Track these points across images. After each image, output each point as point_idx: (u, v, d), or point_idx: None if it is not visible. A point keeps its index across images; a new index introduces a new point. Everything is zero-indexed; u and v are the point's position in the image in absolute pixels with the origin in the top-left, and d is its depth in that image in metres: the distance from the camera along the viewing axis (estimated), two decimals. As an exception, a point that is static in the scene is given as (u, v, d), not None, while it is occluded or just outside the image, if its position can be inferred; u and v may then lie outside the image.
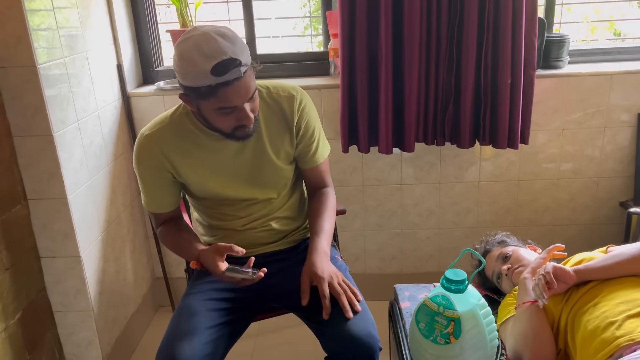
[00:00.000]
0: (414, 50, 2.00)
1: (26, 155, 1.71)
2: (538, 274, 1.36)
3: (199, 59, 1.21)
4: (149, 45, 2.34)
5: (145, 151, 1.45)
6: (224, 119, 1.32)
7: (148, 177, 1.48)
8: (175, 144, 1.44)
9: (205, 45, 1.21)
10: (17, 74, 1.62)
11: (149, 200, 1.53)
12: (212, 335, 1.33)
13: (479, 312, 1.29)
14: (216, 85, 1.23)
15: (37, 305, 1.82)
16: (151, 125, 1.47)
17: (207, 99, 1.27)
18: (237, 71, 1.23)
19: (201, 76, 1.22)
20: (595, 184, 2.32)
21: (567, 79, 2.18)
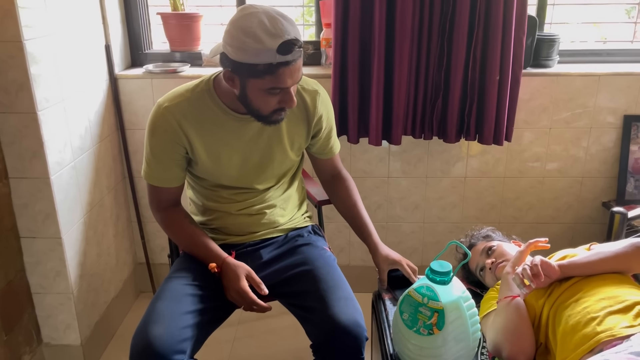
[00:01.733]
0: (405, 43, 2.00)
1: (8, 132, 1.67)
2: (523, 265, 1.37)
3: (265, 37, 1.21)
4: (139, 27, 2.30)
5: (162, 122, 1.41)
6: (269, 100, 1.32)
7: (159, 149, 1.43)
8: (195, 119, 1.41)
9: (270, 23, 1.22)
10: (1, 49, 1.58)
11: (153, 173, 1.47)
12: (190, 320, 1.31)
13: (462, 304, 1.30)
14: (277, 64, 1.24)
15: (16, 286, 1.79)
16: (170, 97, 1.43)
17: (261, 77, 1.26)
18: (298, 52, 1.25)
19: (264, 53, 1.22)
20: (579, 183, 2.35)
21: (556, 78, 2.19)
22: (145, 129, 1.46)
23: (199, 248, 1.46)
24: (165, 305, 1.32)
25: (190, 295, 1.37)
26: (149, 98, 2.21)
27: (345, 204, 1.67)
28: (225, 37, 1.28)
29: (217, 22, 2.45)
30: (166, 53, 2.35)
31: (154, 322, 1.27)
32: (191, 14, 2.31)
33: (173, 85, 2.17)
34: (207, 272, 1.45)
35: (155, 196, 1.51)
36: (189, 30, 2.32)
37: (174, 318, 1.29)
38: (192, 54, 2.33)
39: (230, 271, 1.38)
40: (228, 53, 1.27)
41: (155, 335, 1.24)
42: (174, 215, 1.51)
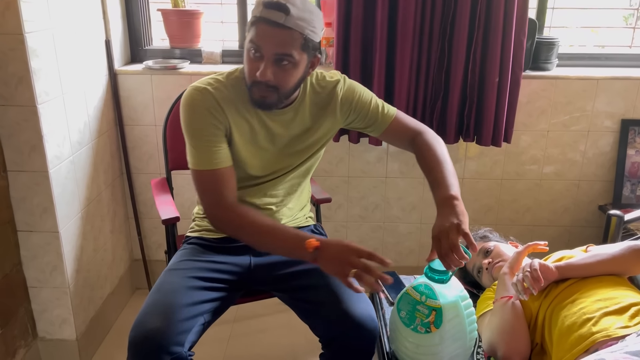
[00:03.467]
0: (406, 44, 2.00)
1: (7, 125, 1.67)
2: (522, 269, 1.37)
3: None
4: (139, 23, 2.30)
5: (203, 101, 1.36)
6: (250, 64, 1.32)
7: (204, 127, 1.36)
8: (232, 103, 1.39)
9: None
10: (2, 41, 1.58)
11: (205, 156, 1.36)
12: (189, 313, 1.30)
13: (460, 303, 1.31)
14: (260, 17, 1.27)
15: (12, 279, 1.78)
16: (205, 81, 1.40)
17: (248, 31, 1.31)
18: (281, 16, 1.25)
19: (257, 6, 1.28)
20: (576, 187, 2.36)
21: (555, 81, 2.20)
22: (183, 113, 1.38)
23: (285, 233, 1.33)
24: (164, 297, 1.32)
25: (189, 287, 1.36)
26: (148, 94, 2.21)
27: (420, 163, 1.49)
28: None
29: (218, 20, 2.45)
30: (166, 49, 2.35)
31: (153, 314, 1.27)
32: (192, 10, 2.31)
33: (173, 81, 2.19)
34: (208, 265, 1.44)
35: (217, 186, 1.37)
36: (189, 27, 2.32)
37: (173, 310, 1.28)
38: (192, 50, 2.33)
39: (331, 243, 1.26)
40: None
41: (154, 327, 1.23)
42: (244, 207, 1.39)
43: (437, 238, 1.25)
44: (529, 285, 1.32)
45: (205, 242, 1.54)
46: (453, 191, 1.34)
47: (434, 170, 1.41)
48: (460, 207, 1.30)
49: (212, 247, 1.53)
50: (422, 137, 1.51)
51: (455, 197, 1.32)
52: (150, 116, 2.24)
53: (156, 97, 2.21)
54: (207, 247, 1.53)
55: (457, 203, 1.31)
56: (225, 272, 1.46)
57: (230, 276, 1.46)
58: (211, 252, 1.52)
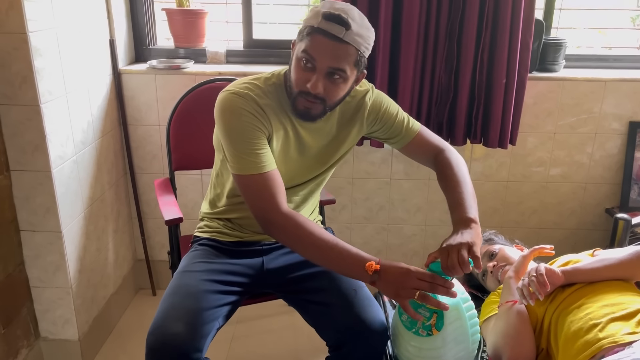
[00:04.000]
0: (411, 44, 1.99)
1: (11, 124, 1.66)
2: (527, 274, 1.36)
3: (324, 4, 1.27)
4: (143, 23, 2.30)
5: (245, 105, 1.31)
6: (300, 73, 1.29)
7: (248, 130, 1.30)
8: (271, 109, 1.35)
9: (338, 2, 1.28)
10: (6, 41, 1.58)
11: (253, 161, 1.30)
12: (208, 317, 1.29)
13: (462, 305, 1.30)
14: (317, 28, 1.24)
15: (15, 279, 1.78)
16: (244, 86, 1.35)
17: (302, 40, 1.28)
18: (341, 30, 1.23)
19: (314, 16, 1.26)
20: (583, 189, 2.34)
21: (562, 82, 2.18)
22: (223, 118, 1.33)
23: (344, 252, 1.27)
24: (183, 300, 1.31)
25: (207, 291, 1.34)
26: (152, 94, 2.20)
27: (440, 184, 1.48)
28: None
29: (222, 19, 2.44)
30: (170, 49, 2.35)
31: (173, 318, 1.25)
32: (196, 10, 2.30)
33: (177, 81, 2.18)
34: (220, 267, 1.43)
35: (268, 191, 1.30)
36: (193, 27, 2.31)
37: (194, 315, 1.27)
38: (196, 50, 2.33)
39: (391, 267, 1.23)
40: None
41: (176, 332, 1.22)
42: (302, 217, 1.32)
43: (446, 250, 1.23)
44: (534, 290, 1.31)
45: (218, 244, 1.52)
46: (472, 214, 1.33)
47: (455, 191, 1.40)
48: (477, 230, 1.30)
49: (225, 249, 1.51)
50: (444, 155, 1.49)
51: (473, 220, 1.32)
52: (154, 116, 2.23)
53: (160, 97, 2.21)
54: (219, 250, 1.51)
55: (475, 226, 1.30)
56: (239, 274, 1.44)
57: (243, 279, 1.44)
58: (223, 254, 1.50)
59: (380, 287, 1.26)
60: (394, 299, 1.26)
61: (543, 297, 1.30)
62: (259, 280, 1.48)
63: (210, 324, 1.30)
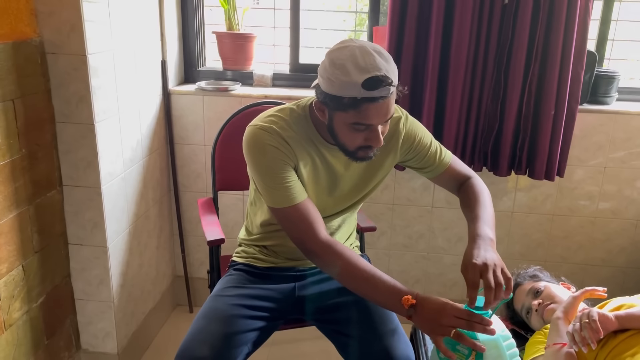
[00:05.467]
0: (459, 73, 1.98)
1: (67, 141, 1.73)
2: (578, 319, 1.30)
3: (353, 70, 1.17)
4: (194, 45, 2.36)
5: (272, 140, 1.31)
6: (354, 135, 1.26)
7: (276, 165, 1.31)
8: (297, 142, 1.35)
9: (361, 57, 1.18)
10: (67, 62, 1.64)
11: (284, 194, 1.32)
12: (236, 342, 1.31)
13: (502, 343, 1.25)
14: (362, 99, 1.18)
15: (61, 291, 1.83)
16: (268, 120, 1.35)
17: (345, 111, 1.22)
18: (386, 90, 1.19)
19: (350, 87, 1.18)
20: (634, 226, 2.25)
21: (614, 116, 2.12)
22: (251, 153, 1.35)
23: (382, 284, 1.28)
24: (211, 325, 1.32)
25: (235, 316, 1.36)
26: (199, 114, 2.25)
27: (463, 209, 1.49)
28: (319, 67, 1.26)
29: (270, 43, 2.48)
30: (218, 71, 2.40)
31: (201, 341, 1.27)
32: (245, 34, 2.35)
33: (224, 102, 2.22)
34: (254, 292, 1.43)
35: (304, 221, 1.33)
36: (242, 50, 2.36)
37: (221, 339, 1.29)
38: (243, 73, 2.37)
39: (428, 301, 1.22)
40: (320, 83, 1.25)
41: (203, 356, 1.24)
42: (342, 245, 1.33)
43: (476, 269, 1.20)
44: (587, 336, 1.25)
45: (252, 270, 1.54)
46: (492, 234, 1.33)
47: (476, 207, 1.41)
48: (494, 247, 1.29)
49: (259, 274, 1.53)
50: (470, 182, 1.52)
51: (493, 240, 1.30)
52: (200, 136, 2.28)
53: (207, 118, 2.25)
54: (253, 274, 1.53)
55: (494, 247, 1.29)
56: (270, 300, 1.45)
57: (274, 304, 1.45)
58: (257, 279, 1.51)
59: (416, 322, 1.24)
60: (429, 335, 1.24)
61: (596, 345, 1.24)
62: (290, 306, 1.48)
63: (237, 348, 1.31)
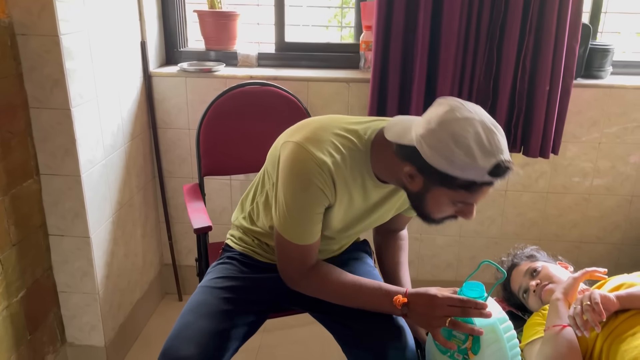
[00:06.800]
0: (450, 49, 1.91)
1: (42, 128, 1.64)
2: (579, 301, 1.27)
3: (479, 153, 1.04)
4: (175, 24, 2.26)
5: (320, 180, 1.18)
6: (447, 209, 1.17)
7: (312, 206, 1.22)
8: (344, 182, 1.22)
9: (486, 137, 1.05)
10: (38, 43, 1.55)
11: (305, 233, 1.24)
12: (223, 339, 1.24)
13: (499, 326, 1.22)
14: (481, 183, 1.08)
15: (42, 284, 1.76)
16: (326, 150, 1.20)
17: (454, 190, 1.10)
18: (509, 174, 1.09)
19: (473, 170, 1.05)
20: (629, 202, 2.22)
21: (609, 90, 2.07)
22: (293, 184, 1.21)
23: (371, 292, 1.26)
24: (198, 321, 1.26)
25: (229, 312, 1.29)
26: (182, 97, 2.17)
27: (391, 260, 1.50)
28: (426, 134, 1.08)
29: (254, 21, 2.40)
30: (201, 51, 2.31)
31: (187, 339, 1.21)
32: (228, 12, 2.26)
33: (207, 84, 2.14)
34: (243, 283, 1.37)
35: (304, 258, 1.28)
36: (225, 29, 2.27)
37: (208, 337, 1.22)
38: (227, 53, 2.28)
39: (418, 296, 1.21)
40: (423, 152, 1.08)
41: (188, 355, 1.18)
42: (324, 267, 1.30)
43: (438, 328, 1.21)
44: (589, 319, 1.21)
45: (248, 261, 1.45)
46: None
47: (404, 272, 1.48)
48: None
49: (254, 266, 1.44)
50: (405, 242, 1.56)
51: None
52: (184, 119, 2.20)
53: (190, 100, 2.17)
54: (248, 265, 1.44)
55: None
56: (265, 291, 1.38)
57: (269, 296, 1.39)
58: (253, 270, 1.43)
59: (411, 320, 1.24)
60: (427, 329, 1.23)
61: (599, 328, 1.21)
62: (285, 298, 1.41)
63: (227, 345, 1.25)
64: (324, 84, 2.12)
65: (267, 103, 1.96)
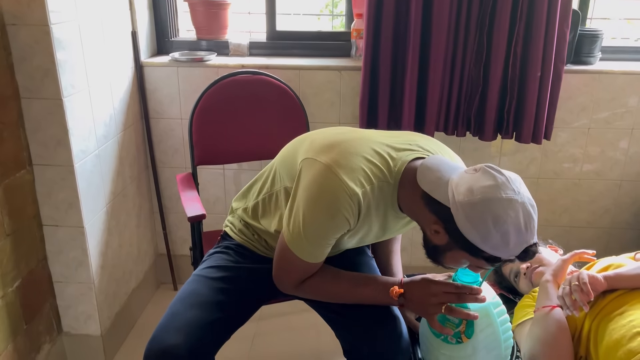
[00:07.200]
0: (441, 36, 1.92)
1: (33, 118, 1.64)
2: (568, 281, 1.29)
3: (514, 240, 1.04)
4: (166, 14, 2.26)
5: (348, 211, 1.15)
6: (459, 265, 1.17)
7: (333, 233, 1.19)
8: (368, 212, 1.20)
9: (524, 223, 1.05)
10: (28, 33, 1.55)
11: (316, 252, 1.22)
12: (213, 329, 1.24)
13: (492, 310, 1.24)
14: (505, 260, 1.09)
15: (37, 274, 1.77)
16: (358, 181, 1.16)
17: (476, 257, 1.09)
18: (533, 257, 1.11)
19: (502, 251, 1.06)
20: (618, 187, 2.25)
21: (598, 75, 2.09)
22: (318, 208, 1.17)
23: (366, 284, 1.28)
24: (187, 311, 1.25)
25: (216, 302, 1.28)
26: (174, 86, 2.17)
27: (385, 249, 1.52)
28: (466, 205, 1.05)
29: (245, 11, 2.39)
30: (192, 41, 2.31)
31: (175, 329, 1.21)
32: (219, 1, 2.25)
33: (199, 73, 2.14)
34: (237, 273, 1.37)
35: (309, 271, 1.26)
36: (216, 18, 2.27)
37: (197, 328, 1.21)
38: (218, 42, 2.28)
39: (414, 284, 1.22)
40: (458, 220, 1.06)
41: (174, 344, 1.17)
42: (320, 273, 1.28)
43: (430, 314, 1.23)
44: (578, 299, 1.24)
45: (246, 252, 1.44)
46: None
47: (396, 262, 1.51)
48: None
49: (251, 257, 1.43)
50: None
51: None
52: (176, 109, 2.20)
53: (182, 90, 2.17)
54: (245, 256, 1.43)
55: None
56: (261, 281, 1.37)
57: (266, 285, 1.37)
58: (250, 260, 1.42)
59: (409, 309, 1.25)
60: (423, 317, 1.24)
61: (588, 308, 1.23)
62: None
63: (218, 336, 1.26)
64: (316, 72, 2.12)
65: (259, 92, 1.97)
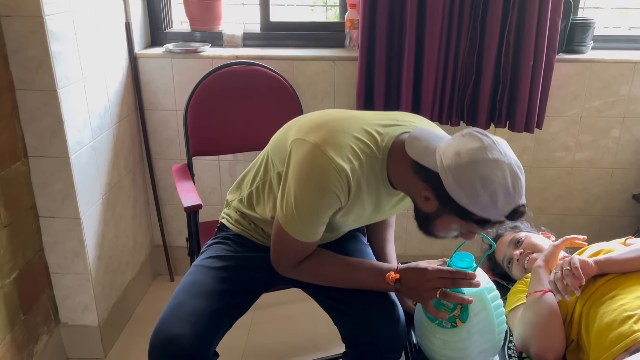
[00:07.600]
0: (435, 25, 1.93)
1: (28, 110, 1.64)
2: (559, 266, 1.31)
3: (502, 200, 1.06)
4: (159, 5, 2.25)
5: (337, 187, 1.16)
6: (452, 231, 1.18)
7: (324, 211, 1.21)
8: (359, 189, 1.21)
9: (512, 182, 1.06)
10: (22, 24, 1.54)
11: (310, 232, 1.23)
12: (217, 318, 1.26)
13: (486, 295, 1.26)
14: (495, 221, 1.10)
15: (34, 265, 1.78)
16: (346, 157, 1.17)
17: (466, 221, 1.12)
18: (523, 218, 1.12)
19: (491, 211, 1.07)
20: (609, 174, 2.27)
21: (590, 64, 2.11)
22: (308, 186, 1.18)
23: (363, 269, 1.30)
24: (191, 300, 1.26)
25: (219, 291, 1.30)
26: (169, 78, 2.17)
27: (379, 236, 1.55)
28: (454, 168, 1.07)
29: (239, 2, 2.39)
30: (186, 32, 2.30)
31: (180, 318, 1.22)
32: (213, -8, 2.25)
33: (194, 64, 2.14)
34: (237, 263, 1.38)
35: (302, 255, 1.28)
36: (210, 9, 2.27)
37: (202, 317, 1.23)
38: (212, 33, 2.28)
39: (409, 270, 1.24)
40: (446, 183, 1.08)
41: (180, 333, 1.18)
42: (316, 253, 1.30)
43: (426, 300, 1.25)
44: (569, 283, 1.26)
45: (244, 241, 1.45)
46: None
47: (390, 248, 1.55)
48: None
49: (250, 246, 1.44)
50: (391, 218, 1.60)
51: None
52: (171, 100, 2.20)
53: (177, 81, 2.17)
54: (244, 246, 1.44)
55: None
56: (261, 270, 1.38)
57: (265, 275, 1.38)
58: (248, 249, 1.43)
59: (404, 294, 1.27)
60: (419, 302, 1.27)
61: (579, 292, 1.25)
62: (279, 275, 1.40)
63: (221, 324, 1.27)
64: (310, 62, 2.13)
65: (253, 83, 1.98)
